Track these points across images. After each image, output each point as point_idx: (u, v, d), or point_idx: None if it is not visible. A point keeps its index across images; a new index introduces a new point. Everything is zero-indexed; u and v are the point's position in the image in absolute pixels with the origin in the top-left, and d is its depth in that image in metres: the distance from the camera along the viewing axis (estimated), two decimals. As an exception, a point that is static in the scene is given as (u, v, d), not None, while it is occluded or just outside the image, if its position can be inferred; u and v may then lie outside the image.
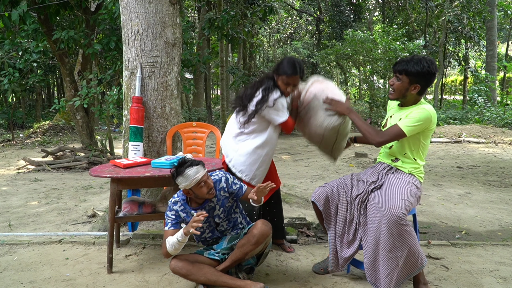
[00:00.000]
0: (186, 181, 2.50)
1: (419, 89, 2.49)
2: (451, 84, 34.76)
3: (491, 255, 3.14)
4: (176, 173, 2.55)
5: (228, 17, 8.16)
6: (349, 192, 2.64)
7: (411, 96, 2.54)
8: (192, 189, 2.54)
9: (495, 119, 12.62)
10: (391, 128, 2.47)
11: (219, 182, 2.69)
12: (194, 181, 2.50)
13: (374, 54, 12.13)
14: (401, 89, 2.52)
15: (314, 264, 2.92)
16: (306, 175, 6.51)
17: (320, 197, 2.65)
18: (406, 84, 2.49)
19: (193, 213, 2.64)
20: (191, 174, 2.50)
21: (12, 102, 17.11)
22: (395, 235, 2.26)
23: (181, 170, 2.52)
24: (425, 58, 2.47)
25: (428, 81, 2.48)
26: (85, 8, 7.04)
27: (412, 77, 2.46)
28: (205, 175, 2.55)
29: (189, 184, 2.50)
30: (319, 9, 19.64)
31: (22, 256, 3.21)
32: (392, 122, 2.59)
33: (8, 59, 7.13)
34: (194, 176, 2.50)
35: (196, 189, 2.54)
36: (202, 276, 2.57)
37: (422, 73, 2.44)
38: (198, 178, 2.51)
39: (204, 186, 2.54)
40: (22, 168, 7.53)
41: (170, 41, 3.70)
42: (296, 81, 2.83)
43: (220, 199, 2.69)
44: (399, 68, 2.51)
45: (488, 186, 5.63)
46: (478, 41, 17.99)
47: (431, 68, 2.44)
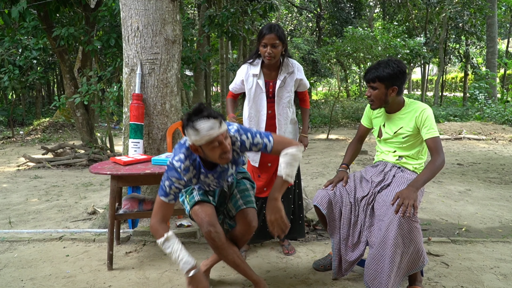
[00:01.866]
0: (196, 135, 2.00)
1: (397, 90, 2.50)
2: (451, 81, 34.75)
3: (491, 252, 3.15)
4: (187, 121, 2.03)
5: (228, 14, 8.14)
6: (352, 194, 2.59)
7: (393, 99, 2.54)
8: (202, 147, 2.06)
9: (495, 116, 12.61)
10: (433, 145, 2.44)
11: (233, 144, 2.21)
12: (206, 138, 2.00)
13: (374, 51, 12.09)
14: (380, 96, 2.52)
15: (315, 261, 2.92)
16: (306, 172, 6.51)
17: (322, 201, 2.59)
18: (383, 89, 2.49)
19: (204, 177, 2.21)
20: (204, 128, 1.98)
21: (12, 99, 17.12)
22: (405, 231, 2.25)
23: (193, 120, 2.00)
24: (391, 59, 2.49)
25: (402, 80, 2.49)
26: (85, 5, 7.01)
27: (386, 81, 2.47)
28: (222, 134, 2.04)
29: (199, 140, 2.01)
30: (319, 6, 19.58)
31: (23, 253, 3.22)
32: (388, 131, 2.61)
33: (8, 56, 7.11)
34: (206, 132, 1.99)
35: (207, 149, 2.05)
36: (231, 255, 2.30)
37: (394, 75, 2.45)
38: (212, 136, 2.00)
39: (218, 148, 2.04)
40: (22, 165, 7.54)
41: (170, 38, 3.69)
42: (272, 41, 2.81)
43: (236, 159, 2.31)
44: (370, 77, 2.51)
45: (489, 183, 5.63)
46: (481, 36, 17.95)
47: (401, 67, 2.47)
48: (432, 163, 2.40)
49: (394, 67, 2.45)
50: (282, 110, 3.04)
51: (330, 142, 10.50)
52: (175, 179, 2.14)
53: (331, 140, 10.81)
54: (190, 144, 2.09)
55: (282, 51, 2.94)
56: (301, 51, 16.17)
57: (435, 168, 2.38)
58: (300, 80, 3.05)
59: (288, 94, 3.03)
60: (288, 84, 3.01)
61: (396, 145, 2.62)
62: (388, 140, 2.65)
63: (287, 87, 3.02)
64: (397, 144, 2.61)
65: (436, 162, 2.39)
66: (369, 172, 2.70)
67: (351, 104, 18.51)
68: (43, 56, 8.38)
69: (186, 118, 2.03)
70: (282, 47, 2.91)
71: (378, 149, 2.79)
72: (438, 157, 2.40)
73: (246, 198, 2.49)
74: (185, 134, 2.07)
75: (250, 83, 3.04)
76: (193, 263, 2.14)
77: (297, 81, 3.04)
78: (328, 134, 11.55)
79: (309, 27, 24.61)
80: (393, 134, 2.60)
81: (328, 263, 2.82)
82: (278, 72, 3.01)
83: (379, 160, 2.75)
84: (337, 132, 12.76)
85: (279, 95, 3.01)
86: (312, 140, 10.95)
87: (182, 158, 2.15)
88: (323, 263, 2.84)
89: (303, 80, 3.07)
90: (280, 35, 2.84)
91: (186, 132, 2.04)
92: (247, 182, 2.60)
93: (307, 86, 3.13)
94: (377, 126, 2.73)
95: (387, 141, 2.66)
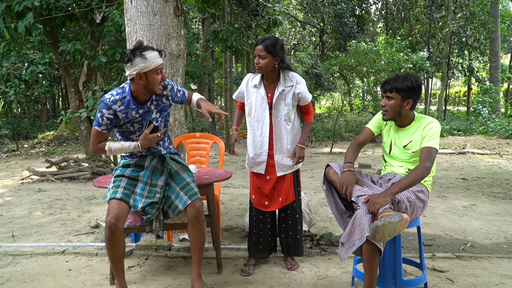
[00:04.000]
0: (145, 62, 2.39)
1: (412, 104, 2.55)
2: (454, 95, 34.77)
3: (496, 268, 3.11)
4: (132, 54, 2.40)
5: (233, 30, 8.22)
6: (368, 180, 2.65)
7: (406, 113, 2.59)
8: (147, 74, 2.42)
9: (499, 130, 12.58)
10: (425, 153, 2.46)
11: (165, 88, 2.64)
12: (154, 63, 2.42)
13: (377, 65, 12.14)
14: (395, 107, 2.56)
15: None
16: (309, 186, 6.49)
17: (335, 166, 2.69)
18: (399, 101, 2.54)
19: (134, 113, 2.53)
20: (153, 56, 2.42)
21: (17, 113, 17.23)
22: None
23: (140, 51, 2.40)
24: (409, 74, 2.57)
25: (418, 94, 2.56)
26: (90, 20, 7.11)
27: (403, 93, 2.53)
28: (163, 64, 2.50)
29: (148, 66, 2.40)
30: (322, 21, 19.75)
31: (25, 267, 3.21)
32: (398, 145, 2.63)
33: (13, 70, 7.19)
34: (155, 59, 2.42)
35: (151, 76, 2.43)
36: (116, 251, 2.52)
37: (412, 88, 2.52)
38: (158, 63, 2.44)
39: (159, 75, 2.46)
40: (26, 178, 7.56)
41: (174, 52, 3.72)
42: (258, 52, 2.90)
43: (161, 104, 2.65)
44: (388, 87, 2.56)
45: (493, 198, 5.59)
46: (484, 51, 18.01)
47: (418, 82, 2.55)
48: (415, 171, 2.41)
49: (413, 80, 2.52)
50: (279, 123, 3.02)
51: (333, 155, 10.48)
52: (105, 110, 2.49)
53: (334, 154, 10.80)
54: (135, 73, 2.41)
55: (275, 64, 2.94)
56: (305, 65, 16.27)
57: (416, 177, 2.38)
58: (298, 94, 3.03)
59: (287, 107, 3.01)
60: (286, 97, 3.00)
61: (406, 159, 2.62)
62: (398, 155, 2.66)
63: (285, 100, 3.00)
64: (406, 158, 2.62)
65: (419, 170, 2.41)
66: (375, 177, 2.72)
67: (354, 118, 18.52)
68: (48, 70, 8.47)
69: (131, 52, 2.39)
70: (273, 59, 2.91)
71: (386, 164, 2.77)
72: (425, 166, 2.41)
73: (189, 191, 2.66)
74: (129, 66, 2.41)
75: (250, 93, 3.09)
76: (135, 142, 2.56)
77: (295, 95, 3.02)
78: (332, 147, 11.54)
79: (313, 42, 24.78)
80: (403, 148, 2.62)
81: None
82: (276, 84, 3.02)
83: (387, 172, 2.74)
84: (340, 145, 12.75)
85: (276, 107, 3.01)
86: (315, 153, 10.94)
87: (113, 93, 2.52)
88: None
89: (303, 94, 3.04)
90: (267, 47, 2.86)
91: (132, 63, 2.38)
92: (187, 175, 2.74)
93: (308, 99, 3.09)
94: (388, 139, 2.73)
95: (397, 155, 2.67)
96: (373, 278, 2.39)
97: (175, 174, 2.73)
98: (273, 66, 2.94)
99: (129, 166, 2.71)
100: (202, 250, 2.73)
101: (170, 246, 3.56)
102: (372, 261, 2.37)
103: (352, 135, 15.47)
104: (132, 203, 2.59)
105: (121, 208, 2.51)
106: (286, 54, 3.08)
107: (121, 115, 2.53)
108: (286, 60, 3.03)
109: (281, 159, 3.06)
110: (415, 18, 20.82)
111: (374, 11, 23.42)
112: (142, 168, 2.69)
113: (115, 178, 2.67)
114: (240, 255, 3.41)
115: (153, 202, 2.62)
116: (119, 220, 2.47)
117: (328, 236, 3.75)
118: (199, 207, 2.62)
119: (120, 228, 2.48)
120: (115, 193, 2.56)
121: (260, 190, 3.13)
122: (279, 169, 3.07)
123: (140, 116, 2.59)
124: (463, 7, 16.93)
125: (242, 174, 7.74)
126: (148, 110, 2.60)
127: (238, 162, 9.62)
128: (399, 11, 21.40)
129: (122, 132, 2.66)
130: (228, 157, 10.45)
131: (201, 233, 2.66)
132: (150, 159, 2.71)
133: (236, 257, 3.36)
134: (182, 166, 2.79)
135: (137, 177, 2.66)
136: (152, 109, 2.62)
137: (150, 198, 2.63)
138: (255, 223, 3.19)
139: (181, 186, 2.68)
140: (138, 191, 2.63)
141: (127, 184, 2.63)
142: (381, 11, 21.19)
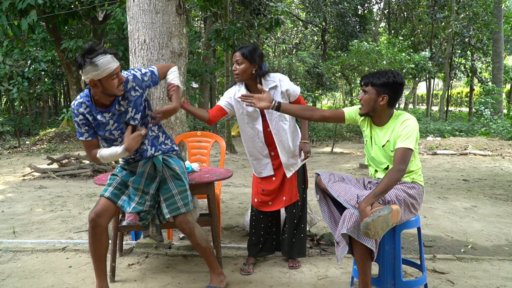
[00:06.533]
0: (96, 70, 2.20)
1: (388, 100, 2.46)
2: (456, 96, 34.71)
3: (497, 270, 3.11)
4: (83, 61, 2.21)
5: (235, 29, 8.22)
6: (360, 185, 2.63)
7: (382, 109, 2.50)
8: (102, 81, 2.26)
9: (501, 131, 12.55)
10: (399, 155, 2.38)
11: (127, 83, 2.44)
12: (107, 70, 2.23)
13: (379, 65, 12.14)
14: (369, 101, 2.49)
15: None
16: (310, 186, 6.48)
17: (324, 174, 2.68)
18: (374, 95, 2.47)
19: (100, 117, 2.41)
20: (104, 62, 2.21)
21: (19, 110, 17.26)
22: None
23: (91, 57, 2.20)
24: (390, 70, 2.50)
25: (395, 91, 2.46)
26: (93, 18, 7.12)
27: (378, 87, 2.45)
28: (118, 66, 2.31)
29: (100, 73, 2.22)
30: (324, 20, 19.74)
31: (26, 264, 3.22)
32: (378, 143, 2.56)
33: (16, 68, 7.20)
34: (107, 66, 2.23)
35: (107, 82, 2.27)
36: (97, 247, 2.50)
37: (387, 83, 2.44)
38: (112, 68, 2.25)
39: (115, 79, 2.29)
40: (28, 175, 7.57)
41: (176, 51, 3.72)
42: (235, 58, 2.93)
43: (131, 100, 2.48)
44: (365, 81, 2.52)
45: (495, 200, 5.58)
46: (487, 51, 17.97)
47: (397, 79, 2.45)
48: (388, 175, 2.33)
49: (390, 76, 2.44)
50: (276, 124, 3.01)
51: (334, 155, 10.48)
52: (76, 118, 2.42)
53: (335, 154, 10.79)
54: (88, 80, 2.27)
55: (253, 70, 2.92)
56: (306, 64, 16.26)
57: (389, 182, 2.30)
58: (287, 90, 2.99)
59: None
60: (275, 97, 2.97)
61: (387, 159, 2.55)
62: (379, 153, 2.59)
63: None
64: (387, 158, 2.54)
65: (392, 173, 2.33)
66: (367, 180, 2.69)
67: (356, 118, 18.51)
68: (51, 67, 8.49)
69: (81, 57, 2.22)
70: (251, 66, 2.90)
71: (370, 164, 2.71)
72: (398, 169, 2.33)
73: (172, 205, 2.58)
74: (81, 72, 2.25)
75: (239, 105, 3.05)
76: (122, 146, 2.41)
77: (283, 93, 3.00)
78: (333, 147, 11.54)
79: (315, 41, 24.76)
80: (382, 147, 2.55)
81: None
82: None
83: (375, 178, 2.67)
84: (341, 145, 12.74)
85: (268, 111, 3.00)
86: (316, 153, 10.93)
87: (77, 98, 2.44)
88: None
89: (290, 90, 3.00)
90: (244, 53, 2.88)
91: (84, 70, 2.22)
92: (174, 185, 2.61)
93: (297, 93, 3.04)
94: (369, 138, 2.65)
95: (378, 154, 2.59)
96: (366, 277, 2.38)
97: (163, 183, 2.62)
98: (250, 72, 2.93)
99: (125, 169, 2.70)
100: (208, 255, 2.69)
101: (170, 245, 3.56)
102: (364, 260, 2.36)
103: (353, 135, 15.47)
104: (120, 204, 2.55)
105: (105, 206, 2.48)
106: (264, 62, 3.07)
107: (90, 117, 2.43)
108: (264, 67, 3.01)
109: (287, 159, 3.06)
110: (417, 18, 20.78)
111: (376, 11, 23.40)
112: (134, 174, 2.64)
113: (111, 176, 2.67)
114: (240, 254, 3.41)
115: (143, 210, 2.58)
116: (100, 216, 2.43)
117: (328, 236, 3.75)
118: (180, 223, 2.58)
119: (101, 225, 2.44)
120: (105, 191, 2.55)
121: (264, 192, 3.13)
122: (288, 170, 3.08)
123: (111, 119, 2.47)
124: (466, 7, 16.91)
125: (243, 173, 7.74)
126: (119, 112, 2.47)
127: (239, 161, 9.62)
128: (401, 11, 21.37)
129: (106, 140, 2.56)
130: (229, 156, 10.46)
131: (195, 243, 2.63)
132: (142, 165, 2.61)
133: (236, 256, 3.36)
134: (173, 173, 2.64)
135: (127, 182, 2.62)
136: (125, 109, 2.48)
137: (141, 205, 2.57)
138: (255, 222, 3.19)
139: (165, 197, 2.59)
140: (130, 194, 2.60)
141: (119, 184, 2.60)
142: (384, 11, 21.16)
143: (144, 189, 2.59)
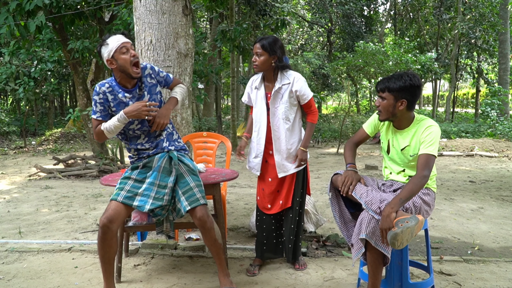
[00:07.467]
0: (108, 47, 2.51)
1: (406, 104, 2.43)
2: (463, 97, 34.53)
3: (504, 272, 3.08)
4: (100, 46, 2.57)
5: (241, 29, 8.22)
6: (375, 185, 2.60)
7: (401, 114, 2.47)
8: (115, 57, 2.51)
9: (508, 133, 12.46)
10: (424, 161, 2.36)
11: (145, 69, 2.69)
12: (116, 44, 2.50)
13: (385, 66, 12.09)
14: (387, 107, 2.45)
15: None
16: (316, 186, 6.47)
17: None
18: (392, 101, 2.43)
19: (121, 96, 2.61)
20: (114, 39, 2.52)
21: (25, 110, 17.35)
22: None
23: (103, 40, 2.55)
24: (406, 72, 2.44)
25: (413, 94, 2.42)
26: (99, 18, 7.14)
27: (395, 93, 2.40)
28: (128, 42, 2.55)
29: (111, 49, 2.50)
30: (330, 21, 19.70)
31: (32, 264, 3.23)
32: (396, 147, 2.55)
33: (23, 68, 7.24)
34: (116, 41, 2.51)
35: (120, 57, 2.51)
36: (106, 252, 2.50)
37: (405, 87, 2.39)
38: (120, 42, 2.51)
39: (126, 53, 2.52)
40: (34, 175, 7.60)
41: (182, 51, 3.73)
42: (255, 49, 2.93)
43: (147, 85, 2.69)
44: (381, 87, 2.46)
45: (501, 201, 5.53)
46: (493, 53, 17.87)
47: (414, 81, 2.40)
48: (412, 181, 2.30)
49: (407, 79, 2.39)
50: (277, 122, 2.99)
51: (340, 156, 10.45)
52: (96, 96, 2.60)
53: (340, 155, 10.76)
54: (106, 61, 2.54)
55: (272, 62, 2.93)
56: (312, 65, 16.22)
57: (414, 188, 2.28)
58: (296, 91, 2.96)
59: (284, 106, 2.97)
60: (283, 95, 2.96)
61: (404, 163, 2.55)
62: (396, 157, 2.58)
63: (282, 99, 2.97)
64: (405, 162, 2.54)
65: (417, 179, 2.30)
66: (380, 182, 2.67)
67: (361, 119, 18.43)
68: (57, 68, 8.52)
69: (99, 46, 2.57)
70: (270, 58, 2.90)
71: (386, 166, 2.71)
72: (422, 175, 2.31)
73: (191, 197, 2.58)
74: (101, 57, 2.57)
75: (253, 94, 3.11)
76: (121, 112, 2.54)
77: (293, 93, 2.97)
78: (338, 148, 11.50)
79: (320, 42, 24.73)
80: (401, 151, 2.53)
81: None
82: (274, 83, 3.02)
83: (388, 179, 2.68)
84: (347, 146, 12.68)
85: (274, 106, 2.99)
86: (321, 154, 10.91)
87: (103, 81, 2.65)
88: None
89: (300, 92, 2.96)
90: (264, 45, 2.88)
91: (101, 54, 2.56)
92: (192, 179, 2.65)
93: (307, 97, 3.00)
94: (385, 140, 2.65)
95: (395, 158, 2.59)
96: (376, 281, 2.37)
97: (180, 177, 2.64)
98: (269, 64, 2.93)
99: (137, 168, 2.69)
100: (221, 253, 2.67)
101: (176, 245, 3.56)
102: (376, 265, 2.34)
103: (358, 136, 15.39)
104: (136, 205, 2.54)
105: (117, 210, 2.48)
106: (286, 55, 3.06)
107: (110, 97, 2.61)
108: (285, 60, 3.00)
109: (281, 159, 3.02)
110: (423, 19, 20.70)
111: (382, 12, 23.35)
112: (149, 169, 2.66)
113: (122, 180, 2.64)
114: (246, 255, 3.41)
115: (162, 205, 2.56)
116: (112, 222, 2.43)
117: (334, 238, 3.73)
118: (201, 216, 2.54)
119: (112, 230, 2.45)
120: (117, 195, 2.53)
121: (264, 192, 3.13)
122: (280, 170, 3.03)
123: (131, 101, 2.63)
124: (472, 8, 16.82)
125: (249, 174, 7.74)
126: (139, 96, 2.66)
127: (245, 162, 9.61)
128: (407, 11, 21.31)
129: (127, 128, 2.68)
130: (234, 157, 10.45)
131: (212, 239, 2.60)
132: (158, 159, 2.66)
133: (242, 257, 3.35)
134: (188, 168, 2.70)
135: (144, 179, 2.63)
136: (144, 94, 2.68)
137: (159, 200, 2.56)
138: (260, 223, 3.19)
139: (184, 191, 2.60)
140: (144, 192, 2.57)
141: (132, 187, 2.59)
142: (390, 12, 21.09)
143: (160, 183, 2.60)
